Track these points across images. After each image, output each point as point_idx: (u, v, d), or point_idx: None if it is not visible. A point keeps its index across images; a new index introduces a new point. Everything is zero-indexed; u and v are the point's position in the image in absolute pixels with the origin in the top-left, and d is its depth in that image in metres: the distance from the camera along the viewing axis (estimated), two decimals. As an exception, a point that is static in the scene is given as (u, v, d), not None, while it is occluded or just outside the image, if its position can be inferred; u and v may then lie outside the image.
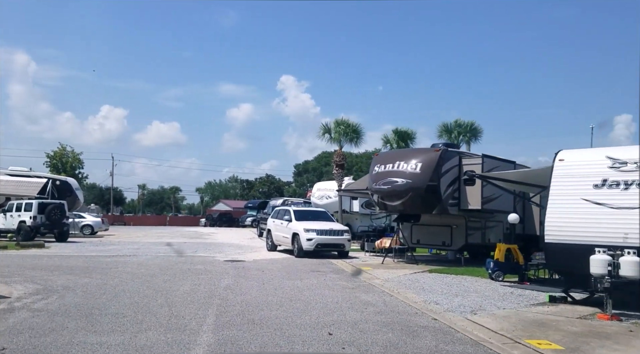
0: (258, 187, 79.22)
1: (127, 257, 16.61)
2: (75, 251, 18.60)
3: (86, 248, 20.27)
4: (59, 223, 23.50)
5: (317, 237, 17.11)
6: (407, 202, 15.42)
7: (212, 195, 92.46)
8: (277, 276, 12.15)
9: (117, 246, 21.74)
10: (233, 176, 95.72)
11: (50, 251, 18.31)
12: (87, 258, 16.09)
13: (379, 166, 16.11)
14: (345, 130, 26.25)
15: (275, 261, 15.98)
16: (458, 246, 16.37)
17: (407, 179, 15.25)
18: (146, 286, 9.97)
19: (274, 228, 19.71)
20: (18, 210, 23.40)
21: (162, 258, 16.54)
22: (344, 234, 17.55)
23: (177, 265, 14.21)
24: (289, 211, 18.94)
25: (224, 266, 14.27)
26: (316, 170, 70.06)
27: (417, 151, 16.18)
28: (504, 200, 16.18)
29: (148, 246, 22.34)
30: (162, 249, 20.40)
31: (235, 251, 19.74)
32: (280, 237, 19.06)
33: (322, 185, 30.61)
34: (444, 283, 11.40)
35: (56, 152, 59.17)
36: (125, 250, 19.92)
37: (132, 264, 14.38)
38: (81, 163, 61.11)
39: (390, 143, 28.41)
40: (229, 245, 23.63)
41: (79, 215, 32.55)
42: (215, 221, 58.55)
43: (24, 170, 29.13)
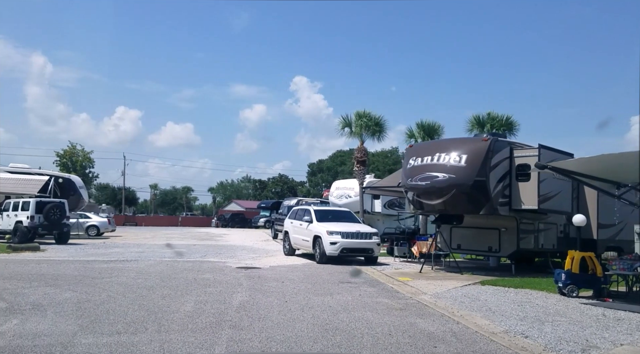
0: (271, 187, 76.90)
1: (127, 263, 14.48)
2: (71, 255, 16.52)
3: (85, 252, 18.19)
4: (58, 223, 21.45)
5: (342, 241, 14.82)
6: (449, 201, 13.06)
7: (224, 195, 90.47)
8: (300, 289, 9.88)
9: (120, 249, 19.64)
10: (246, 176, 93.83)
11: (44, 255, 16.25)
12: (82, 263, 13.96)
13: (415, 159, 13.78)
14: (367, 124, 23.87)
15: (295, 269, 13.72)
16: (508, 253, 13.96)
17: (449, 174, 12.90)
18: (138, 305, 7.76)
19: (292, 230, 17.46)
20: (15, 210, 21.41)
21: (166, 264, 14.37)
22: (372, 237, 15.22)
23: (182, 273, 12.01)
24: (308, 211, 16.66)
25: (236, 275, 12.04)
26: (331, 169, 67.52)
27: (462, 141, 13.81)
28: (562, 198, 13.79)
29: (154, 249, 20.21)
30: (168, 253, 18.25)
31: (249, 256, 17.52)
32: (300, 240, 16.80)
33: (341, 183, 28.28)
34: (511, 301, 9.06)
35: (66, 150, 57.69)
36: (127, 253, 17.81)
37: (131, 271, 12.21)
38: (91, 162, 59.57)
39: (415, 137, 25.96)
40: (241, 248, 21.43)
41: (84, 215, 30.59)
42: (228, 222, 56.51)
43: (25, 167, 27.21)
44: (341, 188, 27.17)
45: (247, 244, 24.51)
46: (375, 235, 15.33)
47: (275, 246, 22.89)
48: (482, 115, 24.43)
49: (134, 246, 21.81)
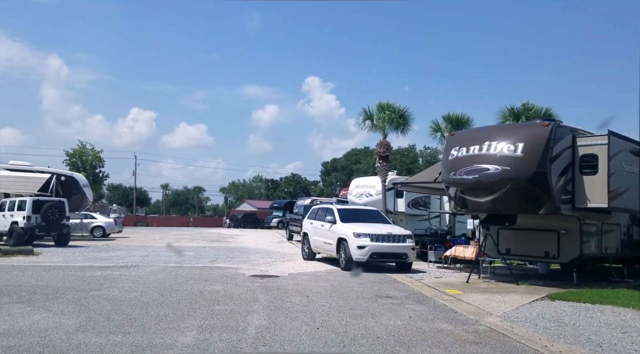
0: (283, 187, 74.87)
1: (125, 269, 12.54)
2: (66, 260, 14.64)
3: (83, 256, 16.31)
4: (57, 224, 19.63)
5: (372, 244, 12.74)
6: (501, 198, 10.90)
7: (236, 195, 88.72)
8: (332, 307, 7.82)
9: (123, 253, 17.75)
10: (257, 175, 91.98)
11: (35, 260, 14.38)
12: (74, 271, 12.04)
13: (459, 149, 11.64)
14: (391, 116, 21.78)
15: (319, 277, 11.66)
16: (569, 259, 11.74)
17: (502, 165, 10.75)
18: (122, 334, 5.76)
19: (311, 231, 15.41)
20: (11, 209, 19.62)
21: (170, 271, 12.40)
22: (406, 240, 13.11)
23: (187, 284, 10.02)
24: (331, 210, 14.58)
25: (250, 285, 10.02)
26: (345, 168, 65.31)
27: (516, 127, 11.72)
28: (631, 195, 11.56)
29: (159, 252, 18.30)
30: (173, 257, 16.29)
31: (264, 261, 15.50)
32: (321, 243, 14.75)
33: (360, 181, 26.16)
34: (605, 324, 6.93)
35: (76, 150, 56.08)
36: (129, 257, 15.90)
37: (126, 281, 10.25)
38: (101, 162, 57.84)
39: (441, 131, 23.83)
40: (255, 251, 19.43)
41: (90, 215, 28.88)
42: (240, 223, 54.66)
43: (26, 164, 25.50)
44: (361, 186, 25.06)
45: (260, 246, 22.52)
46: (409, 238, 13.21)
47: (292, 249, 20.86)
48: (517, 107, 22.23)
49: (138, 249, 19.92)
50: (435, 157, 61.91)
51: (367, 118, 22.61)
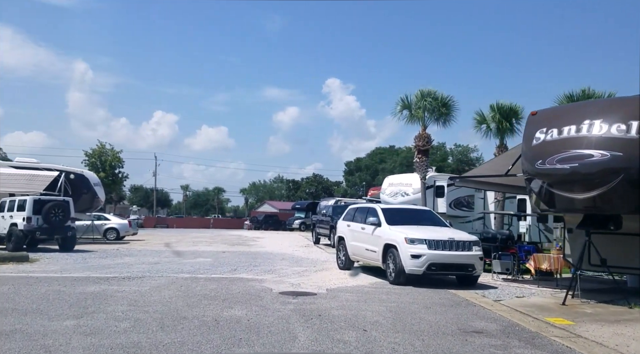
0: (305, 188, 72.33)
1: (127, 282, 10.15)
2: (62, 269, 12.34)
3: (85, 263, 14.03)
4: (60, 226, 17.44)
5: (430, 252, 10.08)
6: (607, 194, 8.16)
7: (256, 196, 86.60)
8: (407, 352, 5.24)
9: (132, 259, 15.45)
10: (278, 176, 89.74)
11: (25, 269, 12.11)
12: (63, 284, 9.67)
13: (546, 131, 8.92)
14: (432, 105, 19.11)
15: (367, 295, 9.06)
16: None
17: (611, 150, 8.04)
18: None
19: (349, 236, 12.82)
20: (10, 210, 17.50)
21: (181, 284, 9.95)
22: (473, 248, 10.41)
23: (199, 306, 7.55)
24: (374, 210, 11.95)
25: (282, 309, 7.49)
26: (370, 167, 62.46)
27: (625, 101, 8.89)
28: None
29: (172, 259, 15.93)
30: (187, 265, 13.87)
31: (293, 270, 12.97)
32: (361, 250, 12.14)
33: (395, 178, 23.44)
34: None
35: (95, 150, 54.56)
36: (137, 265, 13.56)
37: (123, 302, 7.83)
38: (121, 162, 56.21)
39: (487, 123, 21.06)
40: (281, 257, 16.94)
41: (103, 217, 26.79)
42: (261, 224, 52.36)
43: (32, 161, 23.47)
44: (396, 184, 22.36)
45: (286, 251, 20.01)
46: (476, 245, 10.50)
47: (321, 255, 18.31)
48: (576, 92, 19.33)
49: (150, 254, 17.60)
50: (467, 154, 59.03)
51: (405, 108, 19.97)
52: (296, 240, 28.82)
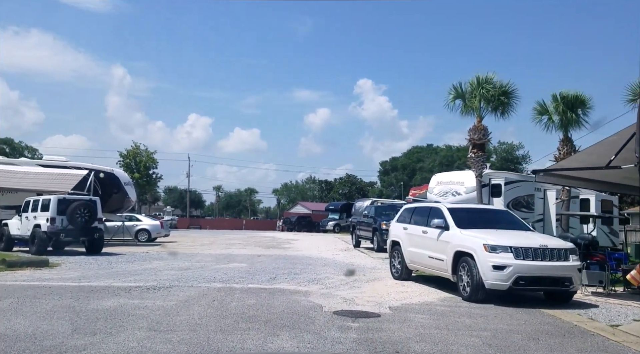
0: (338, 188, 70.31)
1: (152, 294, 8.55)
2: (82, 276, 10.88)
3: (109, 269, 12.58)
4: (86, 227, 16.13)
5: (517, 263, 8.06)
6: None
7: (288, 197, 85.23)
8: None
9: (161, 264, 13.96)
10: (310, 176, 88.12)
11: (41, 276, 10.69)
12: (77, 297, 8.13)
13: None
14: (490, 93, 16.93)
15: (446, 319, 7.11)
16: None
17: None
18: None
19: (406, 240, 10.86)
20: (34, 210, 16.31)
21: (213, 298, 8.26)
22: (569, 257, 8.31)
23: (236, 331, 5.81)
24: (438, 210, 9.95)
25: (342, 338, 5.66)
26: (406, 167, 59.91)
27: None
28: None
29: (205, 263, 14.35)
30: (221, 272, 12.20)
31: (340, 279, 11.12)
32: (422, 257, 10.18)
33: (444, 176, 21.25)
34: None
35: (130, 150, 54.22)
36: (166, 271, 12.03)
37: (141, 324, 6.18)
38: (155, 163, 55.72)
39: (549, 114, 18.72)
40: (322, 262, 15.13)
41: (134, 218, 25.65)
42: (294, 226, 50.79)
43: (61, 159, 22.48)
44: (445, 183, 20.20)
45: (325, 255, 18.19)
46: (573, 253, 8.39)
47: (366, 260, 16.41)
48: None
49: (181, 258, 16.11)
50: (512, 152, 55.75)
51: (458, 97, 17.83)
52: (333, 243, 26.98)
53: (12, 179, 19.15)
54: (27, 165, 21.30)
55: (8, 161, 22.38)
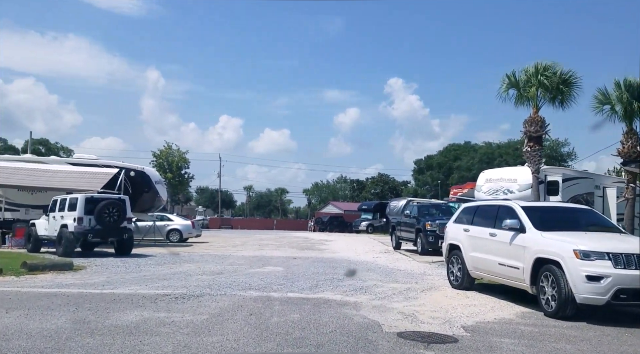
0: (370, 188, 68.55)
1: (180, 304, 7.40)
2: (106, 282, 9.87)
3: (137, 273, 11.58)
4: (115, 227, 15.27)
5: (617, 272, 6.52)
6: None
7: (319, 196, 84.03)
8: None
9: (192, 267, 12.91)
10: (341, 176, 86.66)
11: (62, 281, 9.73)
12: (95, 308, 7.05)
13: None
14: (549, 82, 15.22)
15: (541, 345, 5.67)
16: None
17: None
18: None
19: (468, 244, 9.39)
20: (61, 210, 15.56)
21: (250, 310, 7.04)
22: (683, 266, 6.73)
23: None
24: (510, 209, 8.43)
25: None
26: (442, 165, 57.59)
27: None
28: None
29: (238, 267, 13.21)
30: (256, 276, 10.98)
31: (391, 288, 9.73)
32: (491, 264, 8.68)
33: (494, 173, 19.51)
34: None
35: (162, 150, 54.23)
36: (197, 275, 10.94)
37: (167, 345, 5.00)
38: (187, 163, 55.56)
39: (612, 103, 16.78)
40: (364, 267, 13.77)
41: (166, 217, 24.91)
42: (325, 226, 49.56)
43: (92, 157, 21.86)
44: (495, 180, 18.51)
45: (365, 258, 16.82)
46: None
47: (411, 264, 14.94)
48: None
49: (214, 260, 15.05)
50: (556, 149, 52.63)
51: (512, 86, 16.15)
52: (370, 244, 25.57)
53: (41, 178, 18.56)
54: (57, 163, 20.73)
55: (37, 159, 21.91)
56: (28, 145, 36.37)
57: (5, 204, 18.94)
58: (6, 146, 53.16)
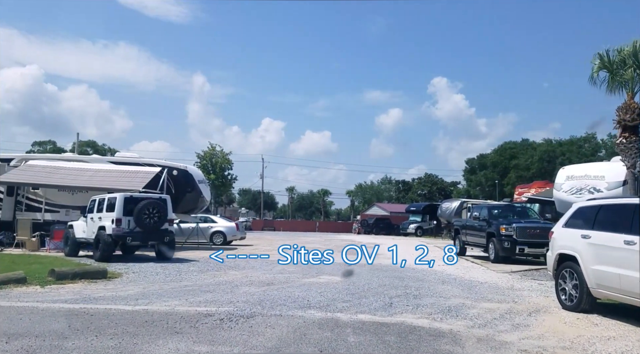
0: (416, 189, 65.69)
1: (226, 330, 5.72)
2: (140, 294, 8.36)
3: (177, 282, 10.05)
4: (155, 230, 13.91)
5: None
6: None
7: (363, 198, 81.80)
8: None
9: (238, 275, 11.32)
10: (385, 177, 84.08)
11: (91, 293, 8.28)
12: (122, 335, 5.44)
13: None
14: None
15: None
16: None
17: None
18: None
19: (590, 254, 7.15)
20: (100, 210, 14.35)
21: (314, 345, 5.23)
22: None
23: None
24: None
25: None
26: (497, 165, 53.95)
27: None
28: None
29: (289, 276, 11.48)
30: (313, 289, 9.17)
31: (485, 309, 7.70)
32: (623, 281, 6.48)
33: (576, 169, 16.94)
34: None
35: (206, 152, 53.78)
36: (244, 287, 9.30)
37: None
38: (230, 164, 54.87)
39: None
40: (436, 277, 11.70)
41: (209, 219, 23.62)
42: (371, 228, 47.45)
43: (134, 156, 20.82)
44: (579, 177, 16.00)
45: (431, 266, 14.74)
46: None
47: (489, 274, 12.72)
48: None
49: (261, 266, 13.43)
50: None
51: (604, 68, 13.73)
52: (426, 249, 23.39)
53: (82, 177, 17.56)
54: (99, 162, 19.77)
55: (78, 158, 21.08)
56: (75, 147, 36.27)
57: (46, 205, 18.06)
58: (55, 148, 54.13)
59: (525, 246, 14.71)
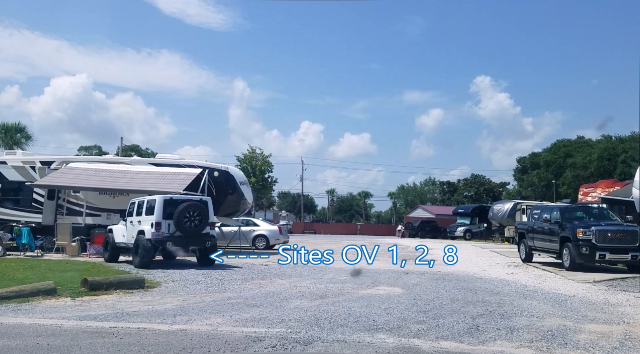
0: (462, 190, 63.03)
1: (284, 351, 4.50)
2: (181, 307, 7.31)
3: (220, 293, 8.98)
4: (197, 234, 12.96)
5: None
6: None
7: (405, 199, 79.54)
8: None
9: (285, 284, 10.18)
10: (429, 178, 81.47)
11: (125, 306, 7.28)
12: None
13: None
14: None
15: None
16: None
17: None
18: None
19: None
20: (139, 214, 13.54)
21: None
22: None
23: None
24: None
25: None
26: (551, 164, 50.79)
27: None
28: None
29: (342, 286, 10.20)
30: (374, 303, 7.86)
31: (595, 332, 6.13)
32: None
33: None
34: None
35: (246, 154, 53.28)
36: (294, 300, 8.11)
37: None
38: (270, 166, 54.15)
39: None
40: (511, 288, 10.14)
41: (252, 222, 22.72)
42: (417, 231, 45.58)
43: (175, 157, 20.12)
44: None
45: (497, 275, 13.08)
46: None
47: (571, 285, 10.97)
48: None
49: (309, 274, 12.26)
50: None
51: None
52: (480, 254, 21.61)
53: (122, 179, 16.94)
54: (139, 164, 19.16)
55: (118, 159, 20.58)
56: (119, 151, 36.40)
57: (87, 208, 17.57)
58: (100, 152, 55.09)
59: (607, 252, 12.89)
